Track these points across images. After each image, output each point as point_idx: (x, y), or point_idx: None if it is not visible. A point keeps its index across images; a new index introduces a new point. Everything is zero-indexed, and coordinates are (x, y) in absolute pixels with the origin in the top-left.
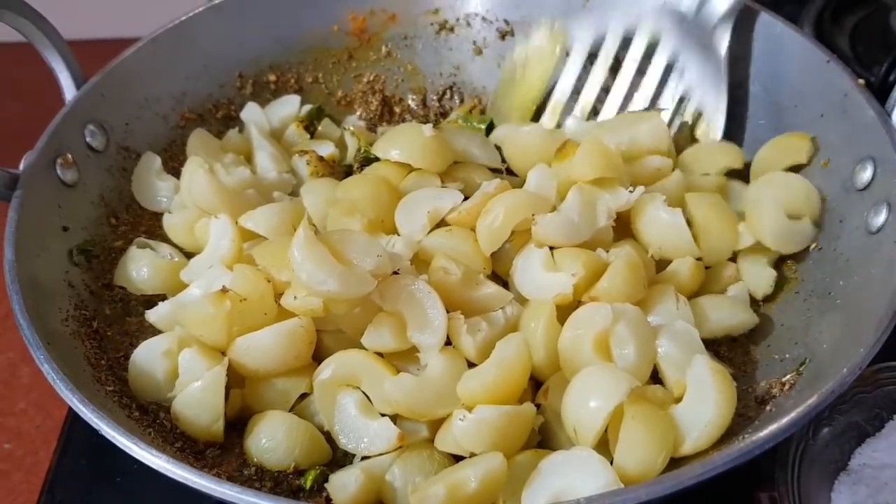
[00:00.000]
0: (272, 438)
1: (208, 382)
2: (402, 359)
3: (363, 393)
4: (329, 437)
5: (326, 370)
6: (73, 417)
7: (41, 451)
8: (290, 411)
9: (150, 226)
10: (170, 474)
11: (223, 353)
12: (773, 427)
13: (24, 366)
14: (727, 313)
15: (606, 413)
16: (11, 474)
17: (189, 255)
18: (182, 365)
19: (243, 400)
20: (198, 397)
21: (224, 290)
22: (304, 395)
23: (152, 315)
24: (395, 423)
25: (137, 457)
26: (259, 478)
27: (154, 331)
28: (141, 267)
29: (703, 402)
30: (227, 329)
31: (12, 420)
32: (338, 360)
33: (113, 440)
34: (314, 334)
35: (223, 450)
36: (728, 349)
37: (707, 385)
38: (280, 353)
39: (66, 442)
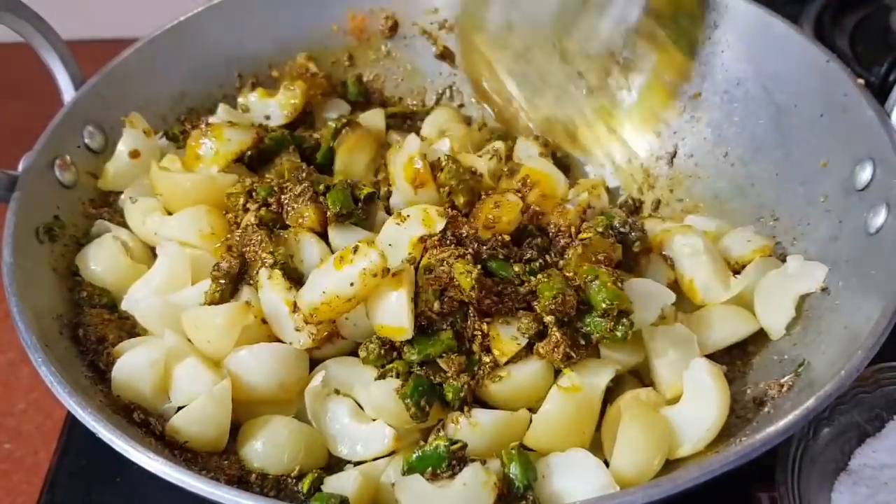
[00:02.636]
0: (275, 444)
1: (216, 397)
2: None
3: (354, 399)
4: None
5: (317, 379)
6: (72, 418)
7: (41, 451)
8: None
9: None
10: (167, 477)
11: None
12: (770, 429)
13: (24, 366)
14: (732, 326)
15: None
16: (11, 474)
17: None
18: (182, 377)
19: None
20: (205, 412)
21: (248, 304)
22: None
23: (128, 303)
24: None
25: (134, 459)
26: (261, 483)
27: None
28: (100, 259)
29: (703, 404)
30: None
31: (12, 420)
32: (328, 368)
33: (110, 443)
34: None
35: (222, 454)
36: (726, 351)
37: (707, 388)
38: (278, 374)
39: (66, 442)
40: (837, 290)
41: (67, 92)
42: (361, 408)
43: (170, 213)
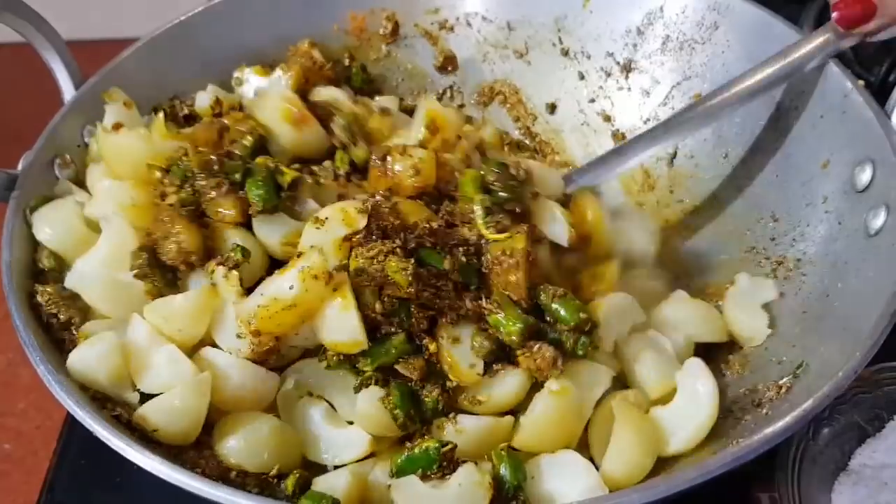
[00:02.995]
0: (256, 441)
1: (196, 388)
2: None
3: (328, 402)
4: None
5: (289, 381)
6: (72, 418)
7: (41, 451)
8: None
9: None
10: (164, 476)
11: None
12: (768, 431)
13: (23, 366)
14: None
15: None
16: (11, 474)
17: None
18: (159, 363)
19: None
20: (182, 404)
21: (214, 286)
22: None
23: (72, 278)
24: None
25: (132, 458)
26: (242, 480)
27: None
28: (54, 222)
29: (695, 402)
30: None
31: (12, 420)
32: (299, 370)
33: (108, 441)
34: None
35: (197, 449)
36: (725, 351)
37: (700, 386)
38: (251, 380)
39: (65, 442)
40: (836, 291)
41: (67, 91)
42: (335, 409)
43: (115, 177)
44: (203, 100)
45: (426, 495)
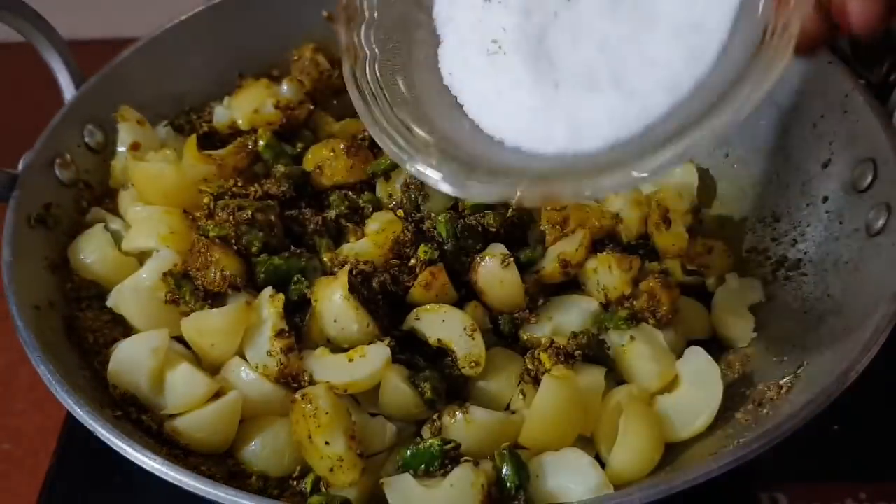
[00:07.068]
0: (275, 447)
1: (226, 408)
2: None
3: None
4: None
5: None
6: (72, 418)
7: (41, 451)
8: None
9: None
10: (165, 477)
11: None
12: (768, 430)
13: (23, 366)
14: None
15: None
16: (11, 475)
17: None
18: (180, 381)
19: None
20: (213, 422)
21: (248, 304)
22: None
23: (115, 299)
24: None
25: (133, 459)
26: (264, 484)
27: None
28: (92, 251)
29: (704, 385)
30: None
31: (12, 420)
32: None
33: (108, 442)
34: None
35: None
36: (725, 351)
37: (704, 369)
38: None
39: (65, 443)
40: (837, 291)
41: (68, 91)
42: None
43: (146, 203)
44: (221, 115)
45: (418, 494)
